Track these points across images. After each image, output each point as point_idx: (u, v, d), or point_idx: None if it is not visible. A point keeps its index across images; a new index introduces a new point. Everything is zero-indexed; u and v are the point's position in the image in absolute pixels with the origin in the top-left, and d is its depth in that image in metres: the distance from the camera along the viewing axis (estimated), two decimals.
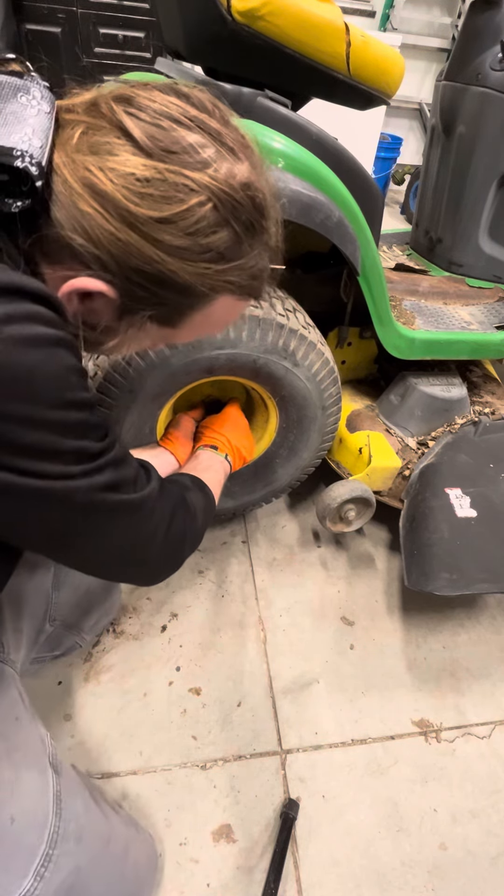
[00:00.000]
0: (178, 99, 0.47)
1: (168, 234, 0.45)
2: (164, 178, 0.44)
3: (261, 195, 0.50)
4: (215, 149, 0.46)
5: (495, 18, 1.34)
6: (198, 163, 0.45)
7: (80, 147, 0.44)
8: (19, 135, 0.40)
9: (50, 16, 2.55)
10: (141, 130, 0.44)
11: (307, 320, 1.05)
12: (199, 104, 0.48)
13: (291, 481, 1.24)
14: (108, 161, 0.43)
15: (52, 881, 0.55)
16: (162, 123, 0.45)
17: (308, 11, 0.85)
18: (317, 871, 0.84)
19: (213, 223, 0.47)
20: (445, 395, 1.30)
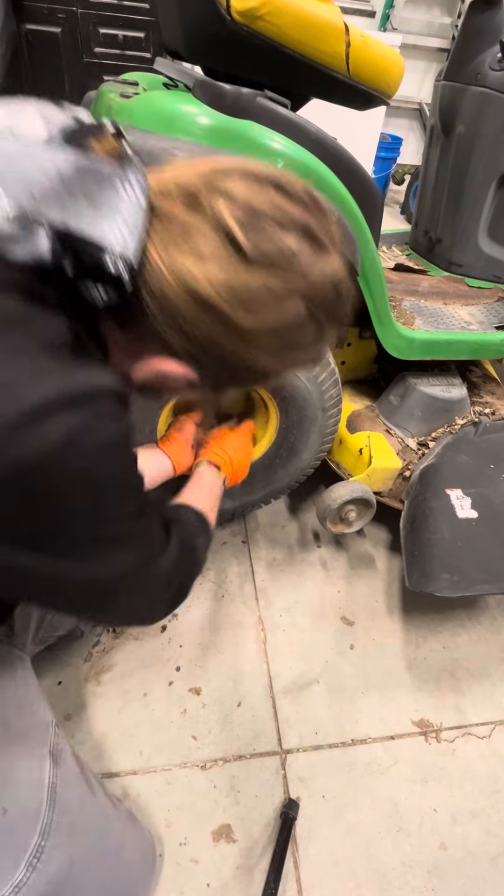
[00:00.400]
0: (277, 193, 0.46)
1: (265, 339, 0.47)
2: (266, 287, 0.44)
3: (345, 284, 0.50)
4: (311, 249, 0.46)
5: (495, 18, 1.34)
6: (297, 270, 0.45)
7: (181, 245, 0.43)
8: (112, 230, 0.40)
9: (50, 16, 2.55)
10: (244, 237, 0.43)
11: None
12: (296, 196, 0.47)
13: (291, 482, 1.24)
14: (210, 266, 0.43)
15: (44, 872, 0.55)
16: (263, 225, 0.44)
17: (307, 11, 0.85)
18: (317, 871, 0.84)
19: (304, 322, 0.48)
20: (445, 395, 1.30)
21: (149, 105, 0.87)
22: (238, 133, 0.86)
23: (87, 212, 0.39)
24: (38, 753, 0.61)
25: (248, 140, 0.87)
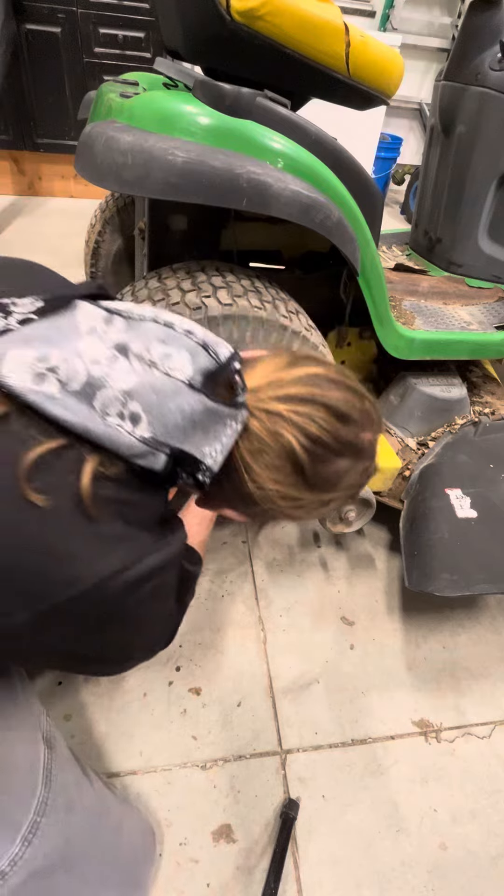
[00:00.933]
0: (337, 422, 0.55)
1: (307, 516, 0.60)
2: (319, 500, 0.57)
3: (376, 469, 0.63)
4: (356, 465, 0.58)
5: (495, 18, 1.34)
6: (347, 486, 0.58)
7: (259, 458, 0.54)
8: (211, 450, 0.52)
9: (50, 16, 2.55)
10: (309, 467, 0.54)
11: (308, 322, 1.05)
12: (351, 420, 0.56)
13: None
14: (282, 483, 0.54)
15: (40, 847, 0.58)
16: (322, 455, 0.54)
17: (307, 11, 0.85)
18: (317, 871, 0.84)
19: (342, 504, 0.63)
20: (445, 395, 1.30)
21: (149, 105, 0.87)
22: (238, 133, 0.86)
23: (199, 440, 0.51)
24: (32, 738, 0.63)
25: (248, 140, 0.87)
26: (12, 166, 3.04)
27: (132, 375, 0.47)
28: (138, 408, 0.47)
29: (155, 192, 0.82)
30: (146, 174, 0.80)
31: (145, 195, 0.82)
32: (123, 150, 0.80)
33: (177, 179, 0.80)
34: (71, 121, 2.86)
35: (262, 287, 0.98)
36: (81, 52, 2.71)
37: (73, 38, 2.66)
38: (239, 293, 0.94)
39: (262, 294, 0.96)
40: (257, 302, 0.94)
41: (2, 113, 2.76)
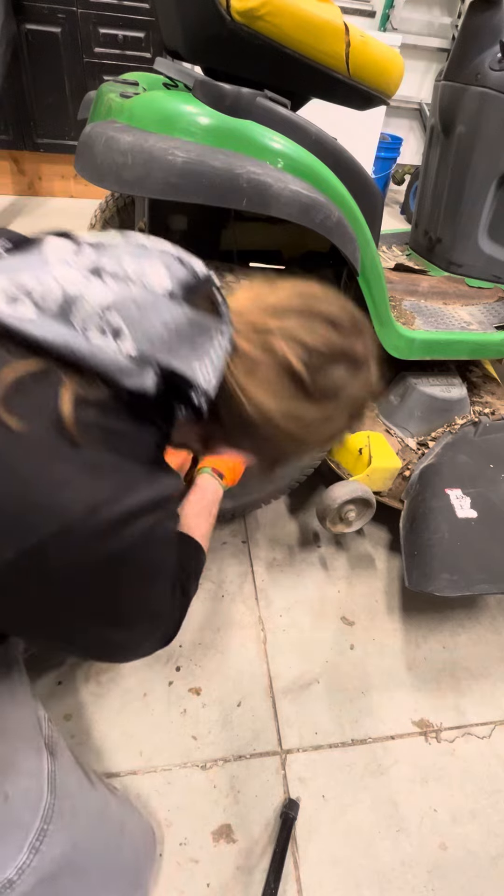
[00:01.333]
0: (329, 328, 0.55)
1: (315, 441, 0.59)
2: (323, 413, 0.56)
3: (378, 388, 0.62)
4: (355, 373, 0.57)
5: (494, 18, 1.34)
6: (348, 398, 0.57)
7: (253, 377, 0.53)
8: (202, 368, 0.49)
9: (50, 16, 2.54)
10: (307, 376, 0.53)
11: None
12: (342, 327, 0.56)
13: (291, 482, 1.24)
14: (281, 398, 0.53)
15: (47, 854, 0.58)
16: (319, 363, 0.54)
17: (307, 11, 0.85)
18: (317, 871, 0.84)
19: (344, 426, 0.61)
20: (445, 395, 1.30)
21: (149, 105, 0.87)
22: (238, 133, 0.86)
23: (186, 355, 0.48)
24: (35, 744, 0.63)
25: (248, 140, 0.87)
26: (12, 166, 3.04)
27: (109, 292, 0.45)
28: (119, 322, 0.45)
29: (155, 192, 0.82)
30: (146, 174, 0.80)
31: (145, 195, 0.82)
32: (123, 150, 0.80)
33: (177, 179, 0.81)
34: (71, 121, 2.85)
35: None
36: (81, 52, 2.70)
37: (73, 38, 2.65)
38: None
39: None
40: None
41: (2, 113, 2.76)
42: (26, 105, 2.76)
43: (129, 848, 0.72)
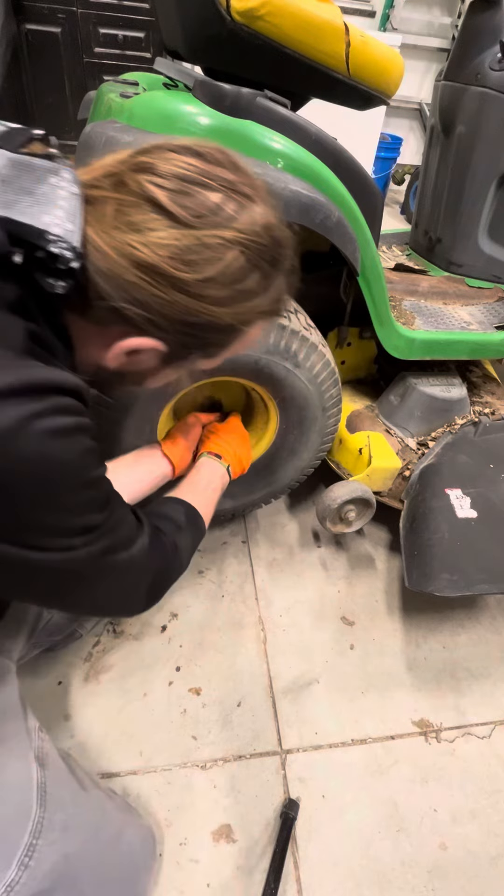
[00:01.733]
0: (195, 159, 0.50)
1: (212, 290, 0.50)
2: (202, 242, 0.48)
3: (278, 229, 0.54)
4: (235, 201, 0.51)
5: (494, 18, 1.34)
6: (225, 220, 0.49)
7: (118, 224, 0.47)
8: (51, 216, 0.43)
9: (50, 16, 2.55)
10: (171, 201, 0.47)
11: (308, 322, 1.05)
12: (213, 159, 0.52)
13: (291, 482, 1.24)
14: (149, 236, 0.47)
15: (37, 870, 0.57)
16: (187, 189, 0.48)
17: (307, 11, 0.85)
18: (317, 871, 0.84)
19: (247, 269, 0.52)
20: (445, 395, 1.30)
21: (149, 105, 0.87)
22: (238, 133, 0.86)
23: (26, 203, 0.42)
24: (24, 757, 0.62)
25: (248, 140, 0.87)
26: None
27: None
28: None
29: None
30: None
31: None
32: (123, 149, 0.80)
33: None
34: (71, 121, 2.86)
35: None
36: (81, 52, 2.71)
37: (73, 38, 2.66)
38: None
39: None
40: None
41: (2, 113, 2.76)
42: (26, 105, 2.77)
43: (126, 857, 0.71)
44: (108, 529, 0.50)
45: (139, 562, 0.57)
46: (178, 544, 0.70)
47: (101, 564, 0.50)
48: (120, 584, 0.56)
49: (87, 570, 0.49)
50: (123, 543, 0.54)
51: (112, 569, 0.52)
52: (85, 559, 0.48)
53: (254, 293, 0.54)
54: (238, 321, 0.55)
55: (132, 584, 0.58)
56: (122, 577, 0.55)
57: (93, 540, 0.48)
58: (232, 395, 1.18)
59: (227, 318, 0.53)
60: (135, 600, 0.61)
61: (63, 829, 0.61)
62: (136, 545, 0.57)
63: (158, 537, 0.65)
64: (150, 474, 0.91)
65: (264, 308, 0.57)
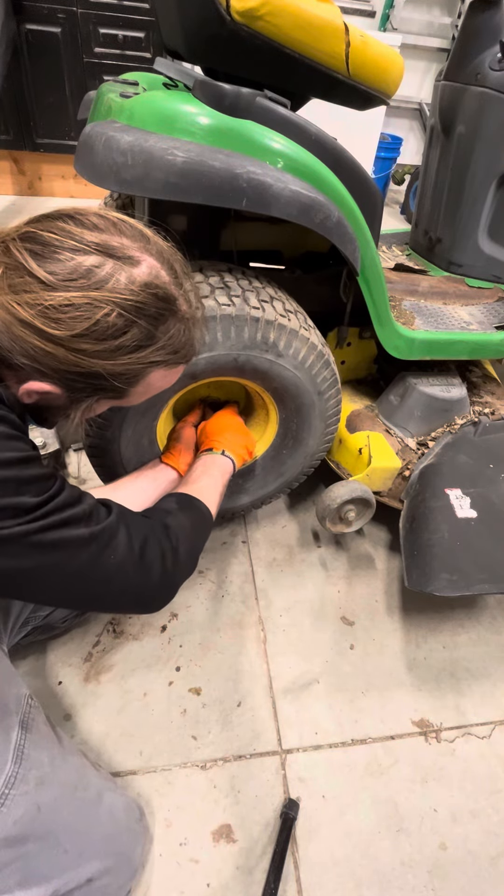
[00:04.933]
0: (73, 225, 0.57)
1: (85, 344, 0.56)
2: (70, 303, 0.54)
3: (163, 287, 0.60)
4: (112, 264, 0.56)
5: (494, 18, 1.34)
6: (95, 282, 0.55)
7: (3, 287, 0.54)
8: None
9: (50, 16, 2.54)
10: (40, 267, 0.54)
11: (308, 321, 1.05)
12: (93, 226, 0.58)
13: (303, 470, 1.24)
14: (25, 297, 0.54)
15: (8, 816, 0.61)
16: (60, 257, 0.55)
17: (307, 11, 0.85)
18: (317, 871, 0.84)
19: (122, 326, 0.57)
20: (445, 395, 1.30)
21: (149, 105, 0.87)
22: (238, 133, 0.86)
23: None
24: (6, 722, 0.66)
25: (247, 140, 0.87)
26: (12, 166, 3.04)
27: None
28: None
29: (154, 192, 0.82)
30: (146, 174, 0.80)
31: (145, 195, 0.82)
32: (123, 150, 0.80)
33: (176, 179, 0.80)
34: (71, 121, 2.85)
35: (260, 286, 0.98)
36: (81, 52, 2.70)
37: (73, 38, 2.65)
38: (237, 293, 0.93)
39: (259, 293, 0.96)
40: (255, 301, 0.94)
41: (2, 113, 2.76)
42: (26, 105, 2.76)
43: (107, 817, 0.73)
44: (52, 509, 0.54)
45: (106, 538, 0.60)
46: (169, 524, 0.72)
47: (48, 540, 0.54)
48: (91, 565, 0.58)
49: (34, 548, 0.53)
50: (78, 519, 0.57)
51: (67, 545, 0.56)
52: (22, 535, 0.52)
53: (138, 347, 0.60)
54: (128, 371, 0.61)
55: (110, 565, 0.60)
56: (88, 557, 0.58)
57: (31, 520, 0.52)
58: (230, 391, 1.18)
59: (114, 369, 0.59)
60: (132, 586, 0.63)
61: (38, 783, 0.64)
62: (101, 522, 0.60)
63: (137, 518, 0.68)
64: (153, 481, 0.93)
65: (158, 358, 0.63)
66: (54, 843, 0.65)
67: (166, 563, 0.67)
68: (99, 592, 0.62)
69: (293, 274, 1.41)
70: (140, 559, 0.64)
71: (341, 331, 1.31)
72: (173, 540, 0.70)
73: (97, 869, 0.69)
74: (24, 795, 0.63)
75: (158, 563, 0.66)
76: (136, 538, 0.64)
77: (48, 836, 0.65)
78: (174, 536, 0.71)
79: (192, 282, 0.68)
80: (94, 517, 0.60)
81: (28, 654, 1.05)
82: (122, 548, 0.62)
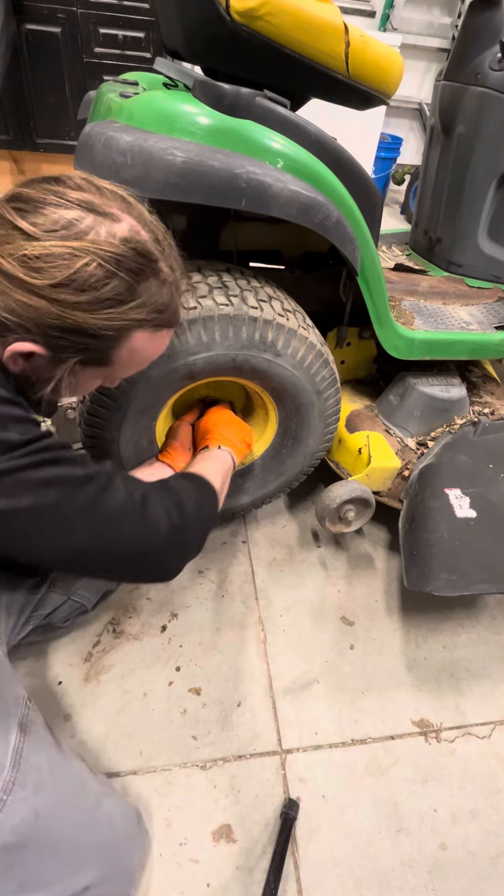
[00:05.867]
0: (57, 185, 0.59)
1: (65, 294, 0.57)
2: (50, 252, 0.55)
3: (143, 243, 0.61)
4: (93, 217, 0.58)
5: (494, 18, 1.34)
6: (76, 233, 0.57)
7: None
8: None
9: (50, 16, 2.54)
10: (22, 219, 0.56)
11: (307, 321, 1.05)
12: (74, 184, 0.59)
13: (303, 469, 1.24)
14: (6, 248, 0.55)
15: (6, 822, 0.60)
16: (41, 210, 0.56)
17: (307, 11, 0.85)
18: (317, 871, 0.84)
19: (102, 277, 0.58)
20: (445, 395, 1.30)
21: (149, 105, 0.87)
22: (238, 133, 0.86)
23: None
24: (4, 724, 0.65)
25: (247, 140, 0.87)
26: (12, 166, 3.04)
27: None
28: None
29: (154, 192, 0.82)
30: (145, 174, 0.80)
31: (144, 195, 0.82)
32: (123, 149, 0.80)
33: (176, 179, 0.81)
34: (71, 121, 2.85)
35: (258, 286, 0.98)
36: (81, 52, 2.70)
37: (73, 38, 2.65)
38: (235, 292, 0.93)
39: (258, 293, 0.96)
40: (253, 301, 0.94)
41: (2, 113, 2.76)
42: (26, 105, 2.76)
43: (104, 824, 0.72)
44: (40, 448, 0.56)
45: (103, 482, 0.61)
46: (169, 484, 0.73)
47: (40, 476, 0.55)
48: (91, 512, 0.59)
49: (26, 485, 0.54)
50: (69, 460, 0.59)
51: (60, 482, 0.57)
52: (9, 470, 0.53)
53: (118, 301, 0.60)
54: (109, 328, 0.61)
55: (112, 513, 0.61)
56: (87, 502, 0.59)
57: (18, 455, 0.54)
58: (229, 392, 1.18)
59: (92, 323, 0.59)
60: (141, 543, 0.64)
61: (36, 789, 0.63)
62: (94, 466, 0.61)
63: (133, 477, 0.69)
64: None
65: (139, 316, 0.63)
66: (52, 850, 0.64)
67: (172, 518, 0.67)
68: (102, 543, 0.62)
69: (293, 274, 1.42)
70: (142, 509, 0.64)
71: (341, 331, 1.31)
72: (174, 497, 0.70)
73: (95, 876, 0.67)
74: (23, 802, 0.61)
75: (164, 516, 0.66)
76: (136, 489, 0.65)
77: (46, 843, 0.64)
78: (175, 494, 0.71)
79: (174, 252, 0.68)
80: (87, 462, 0.61)
81: (28, 654, 1.05)
82: (122, 494, 0.62)
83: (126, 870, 0.74)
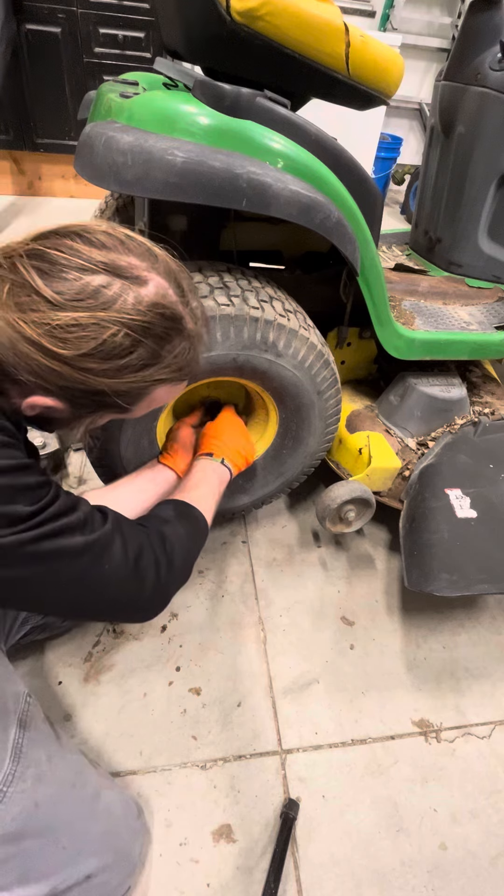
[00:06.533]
0: (83, 245, 0.56)
1: (92, 363, 0.56)
2: (77, 323, 0.54)
3: (170, 306, 0.60)
4: (120, 283, 0.56)
5: (495, 18, 1.34)
6: (104, 303, 0.55)
7: (9, 304, 0.54)
8: None
9: (50, 16, 2.54)
10: (47, 286, 0.53)
11: (307, 321, 1.05)
12: (100, 244, 0.57)
13: (304, 469, 1.24)
14: (31, 315, 0.53)
15: (7, 812, 0.62)
16: (68, 276, 0.54)
17: (307, 11, 0.85)
18: (317, 871, 0.84)
19: (129, 346, 0.57)
20: (445, 395, 1.30)
21: (149, 105, 0.87)
22: (238, 133, 0.86)
23: None
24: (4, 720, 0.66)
25: (248, 140, 0.87)
26: (12, 166, 3.04)
27: None
28: None
29: (154, 193, 0.82)
30: (145, 174, 0.80)
31: (145, 195, 0.82)
32: (123, 150, 0.80)
33: (176, 179, 0.80)
34: (71, 121, 2.85)
35: (259, 286, 0.98)
36: (81, 52, 2.70)
37: (73, 38, 2.66)
38: (236, 293, 0.93)
39: (259, 293, 0.96)
40: (254, 301, 0.94)
41: (2, 113, 2.76)
42: (26, 105, 2.76)
43: (104, 815, 0.73)
44: (46, 518, 0.55)
45: (101, 547, 0.60)
46: (165, 533, 0.72)
47: (43, 550, 0.54)
48: (84, 574, 0.58)
49: (30, 558, 0.54)
50: (73, 528, 0.58)
51: (61, 555, 0.56)
52: (16, 545, 0.52)
53: (144, 366, 0.60)
54: (133, 389, 0.61)
55: (105, 574, 0.60)
56: (82, 566, 0.58)
57: (24, 529, 0.52)
58: (230, 391, 1.18)
59: (119, 387, 0.59)
60: (126, 595, 0.64)
61: (35, 781, 0.65)
62: (96, 532, 0.60)
63: (132, 527, 0.68)
64: (151, 482, 0.93)
65: (162, 376, 0.63)
66: (53, 840, 0.66)
67: (160, 573, 0.67)
68: (92, 601, 0.62)
69: (293, 274, 1.42)
70: (134, 568, 0.64)
71: (341, 331, 1.31)
72: (168, 550, 0.70)
73: (96, 866, 0.69)
74: (22, 793, 0.63)
75: (152, 572, 0.66)
76: (132, 547, 0.64)
77: (46, 834, 0.65)
78: (169, 546, 0.71)
79: (198, 298, 0.68)
80: (88, 526, 0.60)
81: (28, 654, 1.05)
82: (117, 557, 0.62)
83: (127, 859, 0.75)
